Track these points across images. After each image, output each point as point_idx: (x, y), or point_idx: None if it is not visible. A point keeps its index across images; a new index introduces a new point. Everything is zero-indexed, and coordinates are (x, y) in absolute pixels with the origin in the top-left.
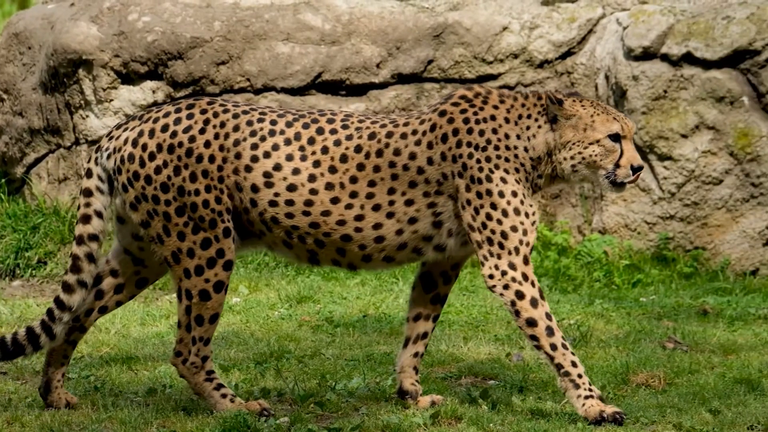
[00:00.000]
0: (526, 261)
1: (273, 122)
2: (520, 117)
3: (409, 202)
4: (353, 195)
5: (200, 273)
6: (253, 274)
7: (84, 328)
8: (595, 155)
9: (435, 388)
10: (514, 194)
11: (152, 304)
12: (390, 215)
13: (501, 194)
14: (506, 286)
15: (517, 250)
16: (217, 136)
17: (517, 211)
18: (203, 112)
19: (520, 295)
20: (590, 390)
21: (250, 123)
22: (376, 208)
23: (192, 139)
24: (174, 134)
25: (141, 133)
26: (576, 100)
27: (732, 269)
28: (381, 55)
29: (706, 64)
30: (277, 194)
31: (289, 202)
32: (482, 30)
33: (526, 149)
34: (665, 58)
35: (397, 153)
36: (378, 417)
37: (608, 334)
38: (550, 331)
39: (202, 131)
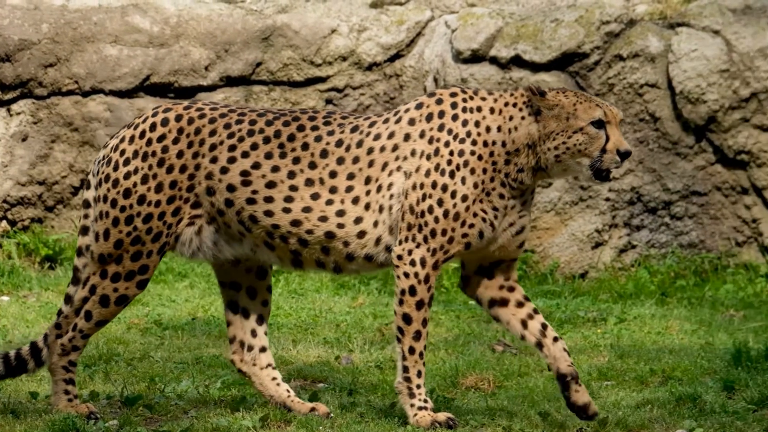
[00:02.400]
0: (435, 265)
1: (252, 122)
2: (505, 105)
3: (379, 188)
4: (333, 190)
5: (115, 280)
6: None
7: (263, 348)
8: (580, 143)
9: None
10: (464, 199)
11: None
12: (367, 206)
13: (453, 194)
14: (406, 275)
15: (434, 251)
16: (190, 144)
17: (456, 217)
18: (178, 118)
19: (412, 291)
20: (425, 402)
21: (227, 126)
22: (356, 201)
23: (165, 149)
24: (149, 142)
25: (123, 139)
26: (559, 91)
27: (561, 272)
28: (209, 57)
29: (535, 67)
30: (255, 191)
31: (269, 199)
32: (311, 32)
33: (504, 143)
34: (494, 60)
35: (377, 137)
36: (207, 420)
37: (438, 337)
38: (417, 336)
39: (175, 141)
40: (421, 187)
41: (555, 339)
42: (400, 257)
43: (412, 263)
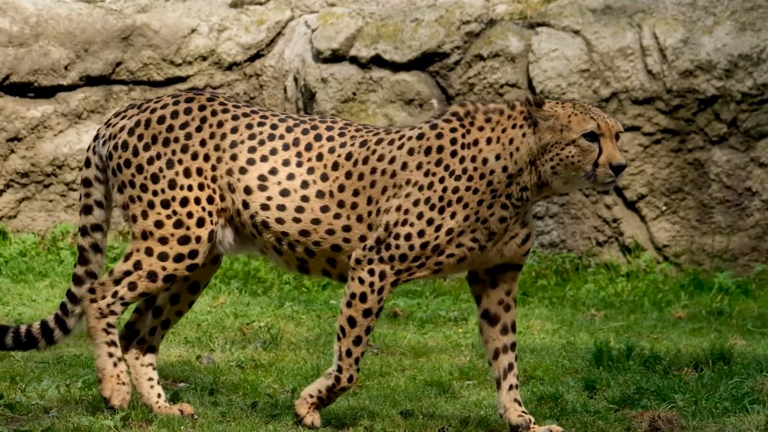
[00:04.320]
0: (395, 283)
1: (274, 126)
2: (503, 131)
3: (378, 211)
4: (341, 204)
5: (163, 259)
6: None
7: (153, 347)
8: (572, 156)
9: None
10: (449, 232)
11: None
12: (369, 227)
13: (438, 228)
14: (361, 281)
15: (398, 271)
16: (212, 136)
17: (435, 248)
18: (201, 108)
19: (363, 298)
20: (325, 403)
21: (249, 126)
22: (360, 219)
23: (188, 136)
24: (171, 128)
25: (138, 123)
26: (558, 102)
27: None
28: (69, 57)
29: (395, 67)
30: (269, 198)
31: (281, 207)
32: (171, 32)
33: (504, 168)
34: (354, 60)
35: (380, 159)
36: (69, 420)
37: (299, 337)
38: (357, 341)
39: (198, 129)
40: (405, 213)
41: (510, 387)
42: (358, 261)
43: (371, 272)
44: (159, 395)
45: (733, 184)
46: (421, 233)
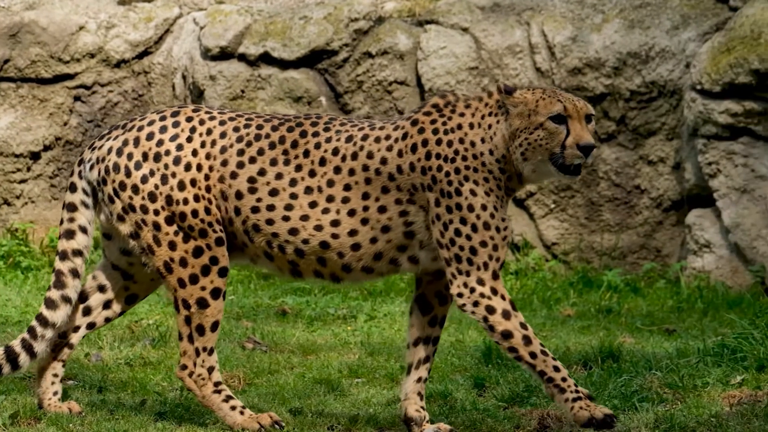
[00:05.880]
0: (495, 276)
1: (259, 126)
2: (482, 117)
3: (381, 209)
4: (330, 199)
5: (195, 281)
6: None
7: (72, 345)
8: (540, 139)
9: (14, 388)
10: (484, 207)
11: None
12: (365, 221)
13: (470, 208)
14: (476, 303)
15: (486, 265)
16: (203, 144)
17: (486, 226)
18: (189, 119)
19: (491, 310)
20: (577, 391)
21: (236, 129)
22: (351, 213)
23: (179, 147)
24: (160, 142)
25: (125, 143)
26: (529, 89)
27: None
28: None
29: (284, 64)
30: (259, 200)
31: (270, 208)
32: (59, 29)
33: (491, 152)
34: (243, 58)
35: (370, 156)
36: None
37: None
38: (527, 341)
39: (189, 139)
40: (438, 218)
41: (419, 379)
42: (460, 295)
43: (472, 290)
44: (55, 393)
45: (622, 182)
46: (463, 221)
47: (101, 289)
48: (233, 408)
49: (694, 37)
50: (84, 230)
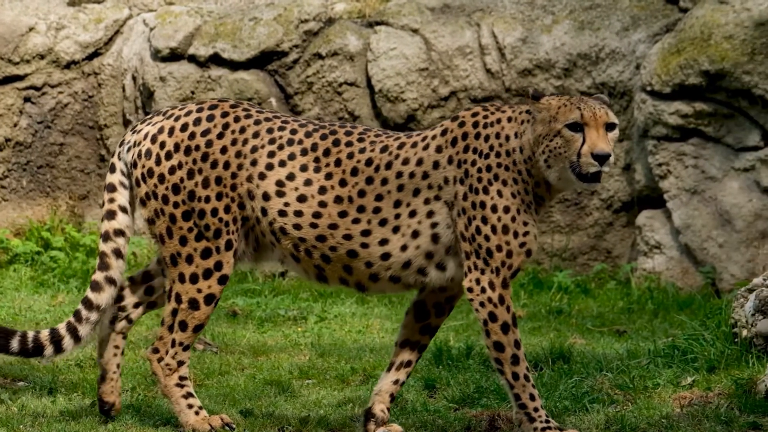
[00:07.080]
0: (504, 284)
1: (293, 131)
2: (520, 113)
3: (412, 213)
4: (361, 209)
5: (194, 281)
6: None
7: (131, 319)
8: (558, 147)
9: None
10: (506, 210)
11: None
12: (396, 229)
13: (494, 209)
14: (482, 304)
15: (497, 270)
16: (234, 142)
17: (505, 229)
18: (224, 115)
19: (492, 317)
20: (547, 422)
21: (270, 131)
22: (383, 222)
23: (209, 144)
24: (192, 135)
25: (161, 130)
26: (555, 95)
27: (261, 270)
28: None
29: (234, 66)
30: (287, 204)
31: (298, 213)
32: (8, 30)
33: (521, 149)
34: (193, 59)
35: (405, 162)
36: None
37: (138, 336)
38: (515, 360)
39: (220, 136)
40: (464, 212)
41: (396, 381)
42: (470, 290)
43: (482, 290)
44: (117, 365)
45: None
46: (484, 220)
47: (165, 272)
48: (190, 406)
49: (644, 38)
50: (124, 210)
